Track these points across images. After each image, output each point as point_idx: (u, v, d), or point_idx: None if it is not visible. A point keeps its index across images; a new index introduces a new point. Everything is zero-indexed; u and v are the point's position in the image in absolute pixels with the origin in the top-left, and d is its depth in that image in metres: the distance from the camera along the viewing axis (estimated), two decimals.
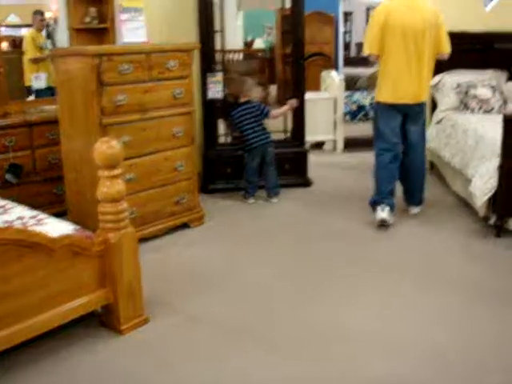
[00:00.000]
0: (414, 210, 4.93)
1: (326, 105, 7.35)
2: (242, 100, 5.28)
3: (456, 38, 5.89)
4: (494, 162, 4.28)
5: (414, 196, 4.92)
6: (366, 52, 4.60)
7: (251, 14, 11.83)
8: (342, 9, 11.44)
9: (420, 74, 4.54)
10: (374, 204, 4.66)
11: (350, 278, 3.75)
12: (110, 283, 3.00)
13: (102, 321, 3.14)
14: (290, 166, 5.59)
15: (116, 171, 2.91)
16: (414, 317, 3.26)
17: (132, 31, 4.24)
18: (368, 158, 5.27)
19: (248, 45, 13.02)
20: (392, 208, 4.60)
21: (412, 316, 3.27)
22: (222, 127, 5.61)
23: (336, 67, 11.20)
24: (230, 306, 3.39)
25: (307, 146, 6.19)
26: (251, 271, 3.86)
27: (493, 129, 4.73)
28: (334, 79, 7.50)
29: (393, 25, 4.44)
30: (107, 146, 2.87)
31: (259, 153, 5.21)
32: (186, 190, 4.53)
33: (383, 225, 4.55)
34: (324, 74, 8.08)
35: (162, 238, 4.40)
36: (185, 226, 4.60)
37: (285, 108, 5.39)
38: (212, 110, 5.46)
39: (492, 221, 4.38)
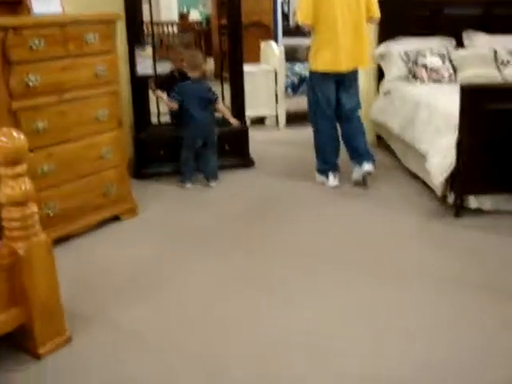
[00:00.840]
0: (367, 166, 4.60)
1: (266, 77, 6.91)
2: (193, 75, 4.79)
3: (401, 3, 5.60)
4: (451, 137, 3.94)
5: (363, 154, 4.65)
6: (299, 21, 4.49)
7: None
8: None
9: (359, 40, 4.47)
10: (323, 171, 4.74)
11: (296, 274, 3.33)
12: (22, 301, 2.53)
13: (16, 343, 2.66)
14: (229, 145, 5.13)
15: (20, 168, 2.41)
16: (366, 313, 2.89)
17: (44, 0, 3.70)
18: (312, 132, 4.88)
19: (183, 16, 12.46)
20: (338, 172, 4.75)
21: (363, 312, 2.90)
22: (154, 106, 5.09)
23: (275, 38, 10.79)
24: (164, 319, 2.91)
25: (248, 122, 5.78)
26: (189, 274, 3.37)
27: (446, 100, 4.42)
28: (273, 50, 7.06)
29: None
30: (7, 139, 2.37)
31: (202, 132, 4.75)
32: (115, 180, 4.04)
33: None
34: (263, 44, 7.62)
35: (88, 234, 3.89)
36: (115, 218, 4.12)
37: (228, 115, 4.92)
38: (142, 88, 4.94)
39: (450, 199, 4.07)
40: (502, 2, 5.86)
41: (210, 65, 7.94)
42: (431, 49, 5.45)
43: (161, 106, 5.07)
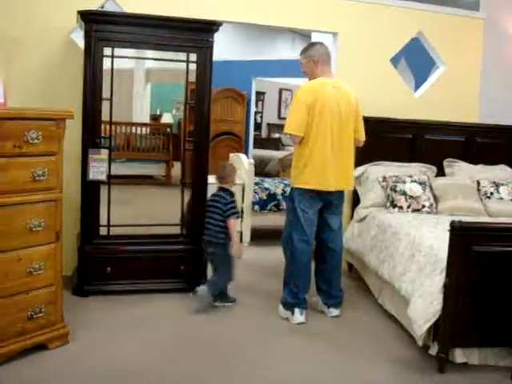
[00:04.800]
0: (335, 311, 4.32)
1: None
2: (223, 185, 4.47)
3: (382, 125, 5.28)
4: (438, 280, 3.45)
5: (334, 296, 4.32)
6: (291, 132, 4.07)
7: (160, 87, 11.19)
8: (254, 88, 10.87)
9: (347, 160, 4.18)
10: (289, 306, 4.19)
11: None
12: None
13: None
14: (184, 266, 4.59)
15: None
16: None
17: None
18: (278, 252, 4.42)
19: (155, 119, 12.23)
20: (306, 308, 4.24)
21: None
22: (104, 215, 4.52)
23: (246, 148, 10.52)
24: None
25: None
26: None
27: (430, 235, 3.99)
28: (243, 163, 6.63)
29: (320, 107, 4.00)
30: None
31: (209, 238, 4.41)
32: (46, 301, 3.42)
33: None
34: (233, 156, 7.21)
35: (3, 366, 3.21)
36: (42, 347, 3.46)
37: (235, 239, 4.34)
38: (94, 194, 4.42)
39: (433, 351, 3.51)
40: (485, 130, 5.61)
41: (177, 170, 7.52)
42: (411, 175, 5.07)
43: (112, 216, 4.51)
